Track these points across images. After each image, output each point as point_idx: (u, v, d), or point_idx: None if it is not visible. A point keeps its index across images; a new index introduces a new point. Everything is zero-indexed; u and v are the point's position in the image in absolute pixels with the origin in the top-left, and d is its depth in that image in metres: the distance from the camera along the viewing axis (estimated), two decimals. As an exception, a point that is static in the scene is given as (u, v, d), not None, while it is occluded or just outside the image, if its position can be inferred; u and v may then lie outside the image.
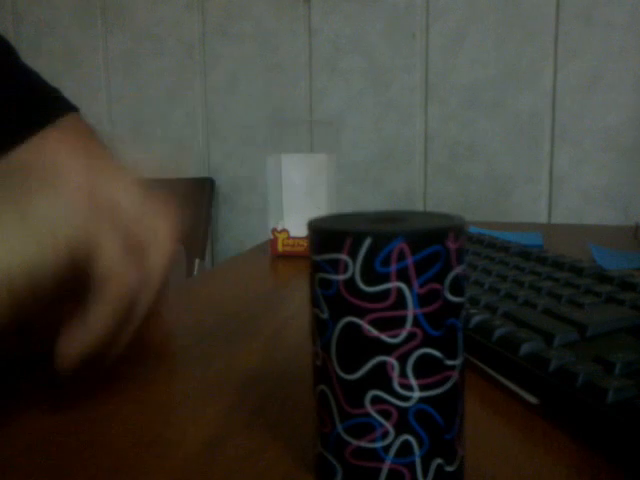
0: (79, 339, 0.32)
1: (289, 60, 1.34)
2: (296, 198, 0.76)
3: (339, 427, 0.25)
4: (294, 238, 0.76)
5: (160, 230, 0.36)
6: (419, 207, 1.24)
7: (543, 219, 1.17)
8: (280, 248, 0.76)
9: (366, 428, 0.24)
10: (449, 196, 1.23)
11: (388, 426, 0.24)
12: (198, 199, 1.37)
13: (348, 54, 1.28)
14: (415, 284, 0.23)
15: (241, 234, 1.44)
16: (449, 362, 0.24)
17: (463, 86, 1.19)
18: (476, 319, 0.41)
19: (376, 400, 0.24)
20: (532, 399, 0.34)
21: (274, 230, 0.77)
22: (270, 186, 0.79)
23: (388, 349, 0.23)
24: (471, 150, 1.20)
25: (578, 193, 1.15)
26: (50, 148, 0.36)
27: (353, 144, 1.30)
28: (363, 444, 0.24)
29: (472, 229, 0.82)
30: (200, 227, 1.33)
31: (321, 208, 0.75)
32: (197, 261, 1.31)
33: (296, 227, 0.76)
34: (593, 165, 1.13)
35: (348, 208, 1.25)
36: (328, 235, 0.24)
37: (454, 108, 1.20)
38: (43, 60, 1.53)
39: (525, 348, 0.36)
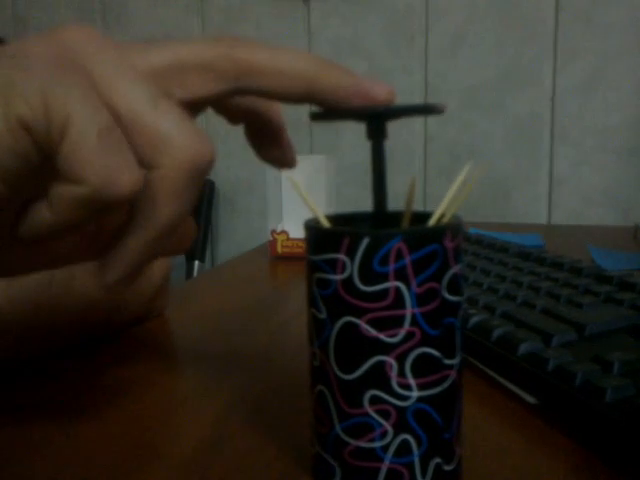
0: None
1: (288, 62, 1.34)
2: (295, 200, 0.76)
3: (337, 427, 0.25)
4: (293, 239, 0.76)
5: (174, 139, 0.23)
6: (419, 207, 1.24)
7: (543, 220, 1.17)
8: (279, 250, 0.77)
9: (365, 428, 0.24)
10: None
11: (387, 426, 0.24)
12: (198, 201, 1.36)
13: (348, 56, 1.28)
14: (413, 283, 0.23)
15: (241, 236, 1.44)
16: (447, 361, 0.24)
17: (462, 87, 1.20)
18: (475, 319, 0.41)
19: (375, 400, 0.24)
20: (530, 399, 0.34)
21: (273, 232, 0.77)
22: (269, 188, 0.79)
23: (386, 349, 0.23)
24: (471, 151, 1.20)
25: (578, 194, 1.15)
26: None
27: (352, 146, 1.30)
28: (362, 444, 0.24)
29: (472, 230, 0.82)
30: (200, 229, 1.33)
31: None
32: (197, 263, 1.31)
33: (295, 229, 0.76)
34: (593, 166, 1.13)
35: (347, 210, 1.25)
36: (326, 235, 0.24)
37: (454, 109, 1.20)
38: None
39: (523, 348, 0.36)
